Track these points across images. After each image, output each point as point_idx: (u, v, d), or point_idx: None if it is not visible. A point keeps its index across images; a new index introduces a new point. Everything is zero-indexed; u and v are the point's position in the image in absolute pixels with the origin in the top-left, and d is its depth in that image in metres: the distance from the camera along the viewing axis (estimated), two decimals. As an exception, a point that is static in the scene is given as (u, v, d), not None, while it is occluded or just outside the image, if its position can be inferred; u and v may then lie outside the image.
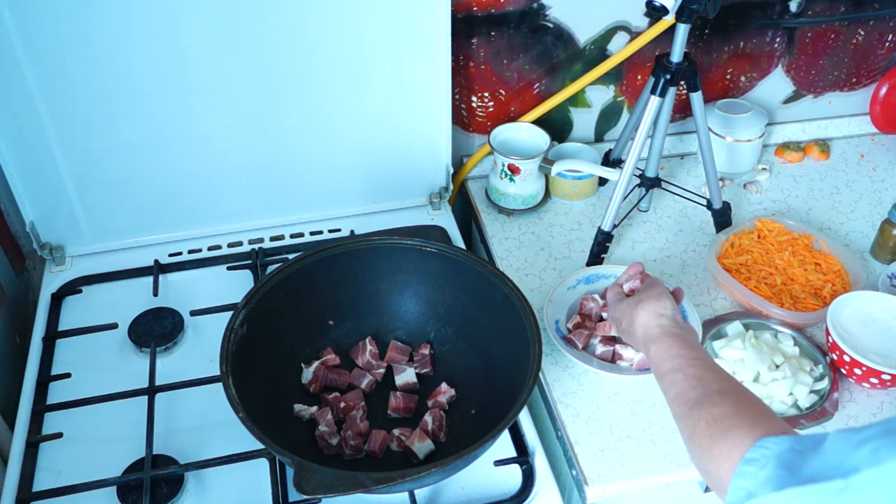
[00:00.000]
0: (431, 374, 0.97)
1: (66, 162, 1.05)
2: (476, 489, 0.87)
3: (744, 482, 0.55)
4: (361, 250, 0.97)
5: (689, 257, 1.16)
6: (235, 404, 0.78)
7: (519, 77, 1.24)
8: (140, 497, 0.83)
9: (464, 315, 0.97)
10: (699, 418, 0.67)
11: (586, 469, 0.89)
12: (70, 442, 0.90)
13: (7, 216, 1.12)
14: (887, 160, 1.36)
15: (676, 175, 1.33)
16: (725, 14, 1.24)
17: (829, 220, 1.24)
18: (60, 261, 1.12)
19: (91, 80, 0.99)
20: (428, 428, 0.89)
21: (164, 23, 0.97)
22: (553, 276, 1.13)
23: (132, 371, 0.97)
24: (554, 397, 0.97)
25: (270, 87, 1.06)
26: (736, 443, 0.59)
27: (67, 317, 1.06)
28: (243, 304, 0.88)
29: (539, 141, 1.22)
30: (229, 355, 0.82)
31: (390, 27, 1.05)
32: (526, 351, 0.84)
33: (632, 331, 0.85)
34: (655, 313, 0.83)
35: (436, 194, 1.22)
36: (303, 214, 1.19)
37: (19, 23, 0.93)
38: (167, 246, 1.15)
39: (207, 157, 1.10)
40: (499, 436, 0.77)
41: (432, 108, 1.14)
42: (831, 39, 1.32)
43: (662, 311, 0.83)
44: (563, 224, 1.22)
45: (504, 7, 1.16)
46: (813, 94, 1.39)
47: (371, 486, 0.71)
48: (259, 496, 0.85)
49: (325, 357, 0.96)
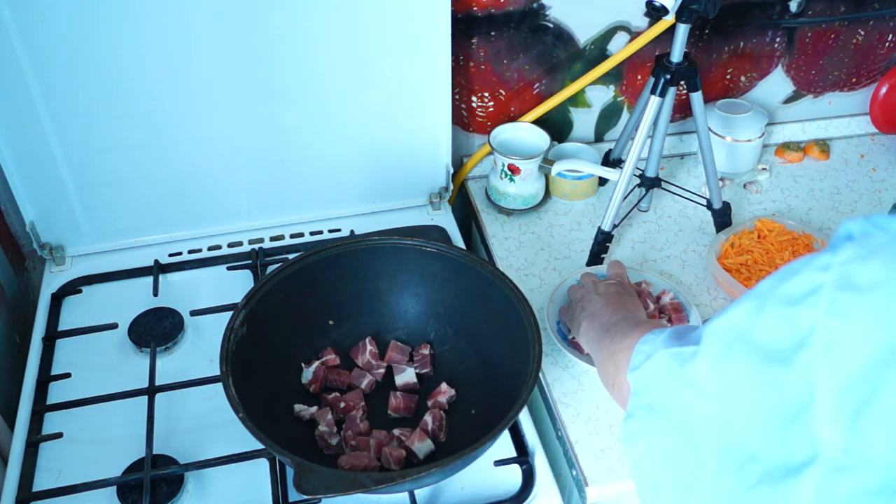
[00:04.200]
0: (431, 374, 0.97)
1: (66, 162, 1.05)
2: (476, 489, 0.87)
3: (645, 347, 0.62)
4: (361, 250, 0.97)
5: (689, 257, 1.16)
6: (235, 404, 0.78)
7: (519, 77, 1.24)
8: (140, 497, 0.83)
9: (464, 315, 0.97)
10: (608, 341, 0.77)
11: (586, 469, 0.89)
12: (70, 442, 0.90)
13: (7, 216, 1.12)
14: (887, 160, 1.36)
15: (676, 175, 1.33)
16: (725, 14, 1.24)
17: (829, 220, 1.24)
18: (60, 261, 1.12)
19: (91, 80, 0.99)
20: (428, 428, 0.89)
21: (164, 22, 0.97)
22: (553, 276, 1.13)
23: (132, 371, 0.97)
24: (554, 397, 0.97)
25: (270, 87, 1.06)
26: (636, 336, 0.66)
27: (67, 317, 1.06)
28: (243, 304, 0.88)
29: (539, 141, 1.22)
30: (229, 355, 0.82)
31: (390, 27, 1.05)
32: (526, 351, 0.84)
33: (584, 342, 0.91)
34: (582, 316, 0.90)
35: (436, 194, 1.22)
36: (303, 214, 1.19)
37: (19, 23, 0.93)
38: (167, 246, 1.15)
39: (207, 157, 1.10)
40: (499, 436, 0.77)
41: (432, 108, 1.14)
42: (831, 39, 1.32)
43: (593, 313, 0.89)
44: (563, 224, 1.22)
45: (504, 7, 1.16)
46: (813, 94, 1.39)
47: (371, 487, 0.71)
48: (259, 496, 0.85)
49: (325, 357, 0.96)
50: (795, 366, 0.43)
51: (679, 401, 0.54)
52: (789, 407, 0.43)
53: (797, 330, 0.43)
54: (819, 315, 0.42)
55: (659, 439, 0.56)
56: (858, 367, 0.40)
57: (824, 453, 0.41)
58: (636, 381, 0.61)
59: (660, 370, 0.58)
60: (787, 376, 0.43)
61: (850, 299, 0.41)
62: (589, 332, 0.86)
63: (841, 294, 0.42)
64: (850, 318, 0.41)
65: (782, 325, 0.44)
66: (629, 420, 0.60)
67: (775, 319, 0.45)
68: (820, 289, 0.43)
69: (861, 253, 0.42)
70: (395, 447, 0.87)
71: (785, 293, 0.45)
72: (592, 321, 0.86)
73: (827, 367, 0.41)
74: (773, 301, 0.46)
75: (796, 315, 0.43)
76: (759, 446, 0.45)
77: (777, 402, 0.44)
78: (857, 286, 0.41)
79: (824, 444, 0.41)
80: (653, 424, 0.57)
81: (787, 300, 0.45)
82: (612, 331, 0.78)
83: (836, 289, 0.42)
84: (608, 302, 0.89)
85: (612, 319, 0.83)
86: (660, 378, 0.58)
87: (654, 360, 0.59)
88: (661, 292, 1.05)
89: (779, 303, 0.45)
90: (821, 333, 0.42)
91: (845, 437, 0.40)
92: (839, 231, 0.46)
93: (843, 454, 0.40)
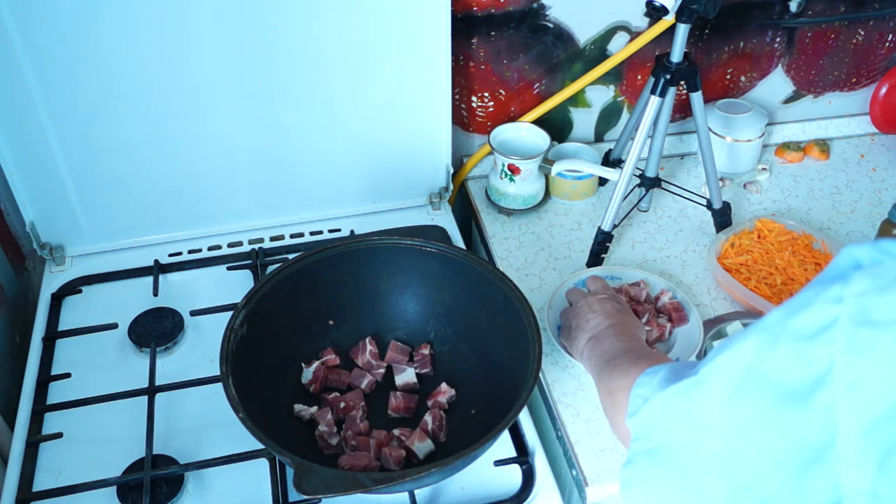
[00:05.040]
0: (431, 374, 0.97)
1: (66, 162, 1.05)
2: (476, 489, 0.87)
3: (641, 391, 0.60)
4: (361, 250, 0.97)
5: (689, 257, 1.16)
6: (235, 404, 0.78)
7: (519, 77, 1.24)
8: (140, 497, 0.83)
9: (464, 315, 0.97)
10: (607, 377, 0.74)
11: (586, 469, 0.89)
12: (70, 442, 0.90)
13: (7, 216, 1.12)
14: (887, 160, 1.36)
15: (676, 175, 1.33)
16: (725, 14, 1.24)
17: (829, 220, 1.24)
18: (60, 261, 1.12)
19: (91, 80, 0.99)
20: (428, 428, 0.89)
21: (164, 22, 0.97)
22: (553, 276, 1.13)
23: (132, 371, 0.97)
24: (554, 397, 0.97)
25: (270, 87, 1.06)
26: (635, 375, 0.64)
27: (67, 317, 1.06)
28: (243, 304, 0.88)
29: (539, 141, 1.22)
30: (229, 355, 0.82)
31: (390, 27, 1.05)
32: (526, 351, 0.84)
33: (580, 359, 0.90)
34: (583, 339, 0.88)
35: (436, 194, 1.22)
36: (303, 214, 1.19)
37: (19, 23, 0.93)
38: (167, 246, 1.15)
39: (207, 157, 1.10)
40: (499, 436, 0.77)
41: (432, 108, 1.14)
42: (831, 39, 1.32)
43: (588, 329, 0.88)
44: (563, 224, 1.22)
45: (504, 7, 1.16)
46: (813, 94, 1.39)
47: (371, 487, 0.71)
48: (259, 496, 0.85)
49: (325, 357, 0.96)
50: (814, 405, 0.41)
51: (681, 440, 0.52)
52: (808, 449, 0.41)
53: (814, 367, 0.41)
54: (838, 352, 0.40)
55: (659, 484, 0.53)
56: (885, 407, 0.38)
57: (849, 498, 0.39)
58: (636, 428, 0.58)
59: (658, 412, 0.56)
60: (804, 416, 0.41)
61: (871, 335, 0.39)
62: (591, 358, 0.83)
63: (860, 330, 0.40)
64: (871, 356, 0.39)
65: (797, 361, 0.42)
66: (628, 467, 0.57)
67: (789, 355, 0.43)
68: (835, 323, 0.41)
69: (876, 284, 0.40)
70: (395, 447, 0.87)
71: (797, 328, 0.43)
72: (594, 348, 0.84)
73: (849, 407, 0.39)
74: (786, 336, 0.43)
75: (812, 351, 0.42)
76: (772, 490, 0.43)
77: (794, 444, 0.42)
78: (877, 321, 0.39)
79: (849, 489, 0.39)
80: (653, 469, 0.54)
81: (800, 335, 0.43)
82: (613, 364, 0.75)
83: (854, 324, 0.40)
84: (609, 324, 0.86)
85: (613, 348, 0.80)
86: (659, 421, 0.55)
87: (652, 404, 0.56)
88: (659, 292, 1.05)
89: (792, 338, 0.43)
90: (841, 371, 0.40)
91: (873, 480, 0.38)
92: (842, 258, 0.44)
93: (872, 499, 0.38)
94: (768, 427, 0.43)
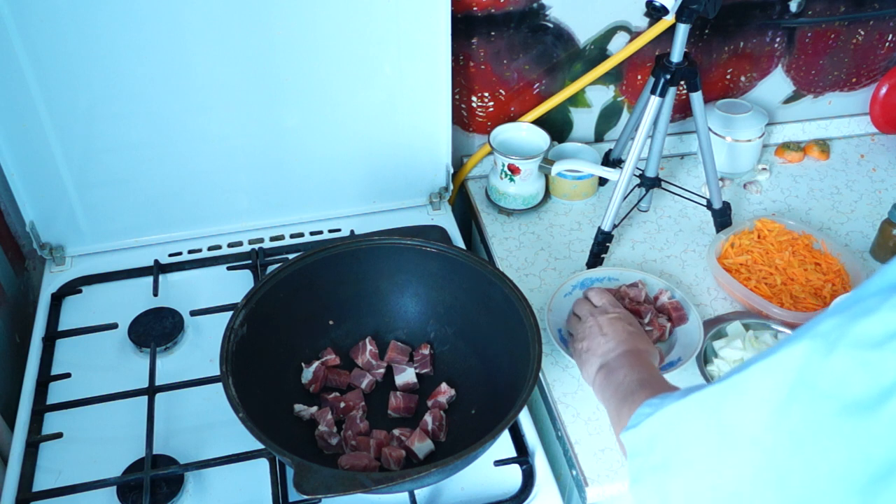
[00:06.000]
0: (431, 374, 0.97)
1: (66, 162, 1.05)
2: (476, 489, 0.87)
3: (646, 409, 0.59)
4: (361, 250, 0.97)
5: (689, 257, 1.16)
6: (235, 404, 0.78)
7: (519, 77, 1.24)
8: (140, 497, 0.83)
9: (464, 315, 0.97)
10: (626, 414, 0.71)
11: (586, 469, 0.89)
12: (70, 442, 0.90)
13: (7, 216, 1.12)
14: (887, 160, 1.36)
15: (676, 175, 1.33)
16: (725, 14, 1.24)
17: (829, 220, 1.24)
18: (60, 261, 1.12)
19: (91, 80, 0.99)
20: (428, 428, 0.89)
21: (164, 22, 0.97)
22: (553, 276, 1.13)
23: (132, 371, 0.97)
24: (554, 397, 0.97)
25: (270, 87, 1.06)
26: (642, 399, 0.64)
27: (67, 317, 1.06)
28: (243, 304, 0.88)
29: (539, 141, 1.22)
30: (229, 355, 0.82)
31: (390, 27, 1.05)
32: (526, 351, 0.84)
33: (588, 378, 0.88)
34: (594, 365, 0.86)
35: (436, 194, 1.22)
36: (303, 214, 1.19)
37: (19, 23, 0.93)
38: (167, 246, 1.15)
39: (207, 157, 1.10)
40: (499, 436, 0.77)
41: (432, 108, 1.14)
42: (831, 39, 1.32)
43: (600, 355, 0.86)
44: (563, 224, 1.22)
45: (504, 7, 1.16)
46: (813, 94, 1.39)
47: (371, 486, 0.71)
48: (259, 496, 0.85)
49: (325, 357, 0.96)
50: (882, 416, 0.39)
51: (706, 453, 0.49)
52: (874, 463, 0.39)
53: (882, 376, 0.39)
54: None
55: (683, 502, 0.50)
56: None
57: None
58: (633, 442, 0.56)
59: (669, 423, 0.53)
60: (870, 428, 0.39)
61: None
62: (604, 389, 0.81)
63: None
64: None
65: (861, 370, 0.40)
66: (637, 486, 0.54)
67: (851, 364, 0.41)
68: None
69: None
70: (395, 447, 0.87)
71: (860, 335, 0.41)
72: (608, 378, 0.81)
73: None
74: (845, 343, 0.41)
75: (879, 360, 0.39)
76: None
77: (858, 458, 0.40)
78: None
79: None
80: (670, 484, 0.51)
81: (863, 343, 0.41)
82: (632, 400, 0.72)
83: None
84: (622, 351, 0.84)
85: (629, 380, 0.78)
86: (669, 432, 0.53)
87: (662, 415, 0.54)
88: (658, 292, 1.05)
89: (853, 345, 0.41)
90: None
91: None
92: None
93: None
94: (826, 439, 0.41)
